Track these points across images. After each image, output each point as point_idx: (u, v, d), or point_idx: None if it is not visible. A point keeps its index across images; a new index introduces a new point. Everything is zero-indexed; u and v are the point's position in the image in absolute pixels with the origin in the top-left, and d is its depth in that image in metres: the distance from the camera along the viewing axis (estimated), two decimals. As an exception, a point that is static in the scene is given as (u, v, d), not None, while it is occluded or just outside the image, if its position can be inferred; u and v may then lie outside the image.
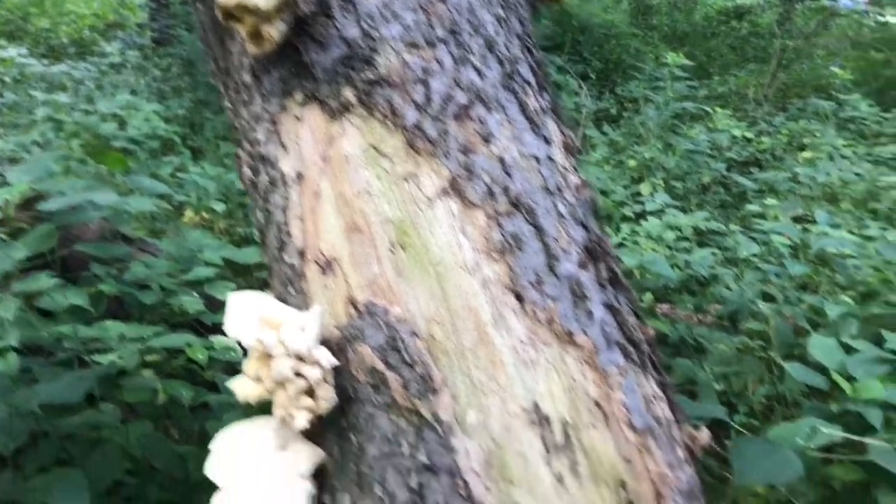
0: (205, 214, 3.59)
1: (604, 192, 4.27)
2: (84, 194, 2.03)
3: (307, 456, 0.80)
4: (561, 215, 0.87)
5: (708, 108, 5.21)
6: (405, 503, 0.74)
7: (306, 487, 0.78)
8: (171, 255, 2.42)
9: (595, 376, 0.79)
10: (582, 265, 0.85)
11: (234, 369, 1.87)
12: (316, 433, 0.82)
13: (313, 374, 0.76)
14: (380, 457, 0.76)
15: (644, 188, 4.27)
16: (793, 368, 1.81)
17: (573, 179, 0.92)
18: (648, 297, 3.10)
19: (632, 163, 4.54)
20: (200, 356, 1.88)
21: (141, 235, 2.86)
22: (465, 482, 0.73)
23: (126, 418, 1.74)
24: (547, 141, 0.92)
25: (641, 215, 3.87)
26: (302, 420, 0.76)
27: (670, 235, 3.41)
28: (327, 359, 0.77)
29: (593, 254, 0.86)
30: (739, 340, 2.30)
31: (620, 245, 3.61)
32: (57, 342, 1.75)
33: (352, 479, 0.78)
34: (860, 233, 3.31)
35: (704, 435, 0.86)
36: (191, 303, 2.09)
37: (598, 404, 0.77)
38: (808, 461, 1.79)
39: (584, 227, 0.88)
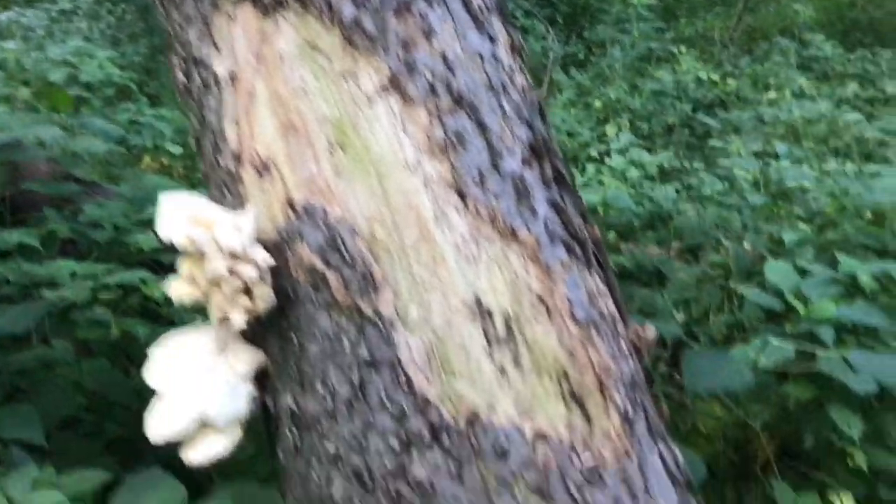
0: (163, 160, 3.51)
1: (570, 134, 4.26)
2: (28, 129, 1.95)
3: (248, 358, 0.78)
4: (505, 114, 0.84)
5: (674, 49, 5.18)
6: (347, 398, 0.73)
7: (247, 389, 0.77)
8: (127, 197, 2.36)
9: (538, 272, 0.78)
10: (526, 163, 0.83)
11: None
12: (257, 336, 0.81)
13: (249, 273, 0.74)
14: (321, 355, 0.75)
15: (610, 129, 4.26)
16: (749, 291, 1.84)
17: (519, 79, 0.90)
18: (612, 235, 3.11)
19: (598, 104, 4.52)
20: (157, 293, 1.85)
21: (96, 179, 2.78)
22: (407, 376, 0.72)
23: (82, 356, 1.71)
24: (492, 39, 0.89)
25: (607, 155, 3.87)
26: (239, 320, 0.74)
27: (635, 174, 3.42)
28: (263, 257, 0.75)
29: (538, 153, 0.85)
30: (700, 271, 2.32)
31: (585, 185, 3.61)
32: (5, 281, 1.70)
33: (293, 379, 0.77)
34: (820, 168, 3.34)
35: (651, 332, 0.86)
36: (146, 241, 2.04)
37: (541, 298, 0.77)
38: (762, 380, 1.83)
39: (530, 126, 0.86)
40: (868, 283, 1.85)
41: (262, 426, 0.84)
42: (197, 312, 1.61)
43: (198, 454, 0.74)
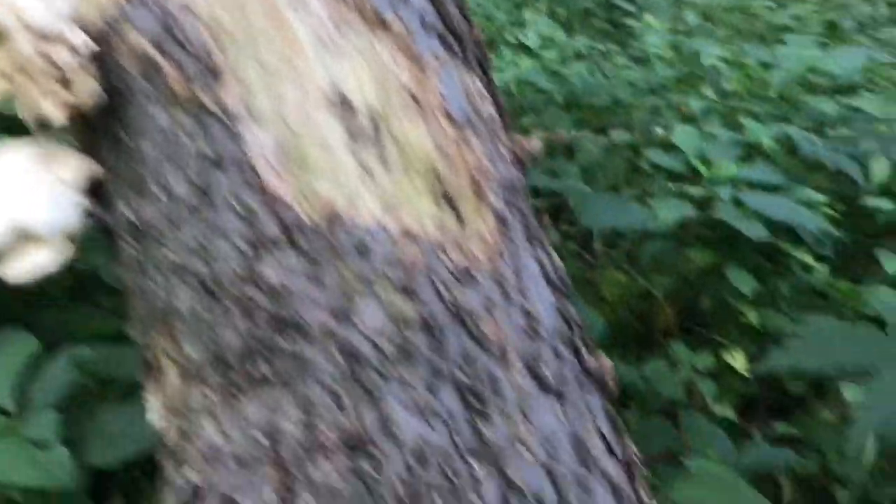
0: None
1: (487, 18, 4.11)
2: None
3: (75, 165, 0.68)
4: None
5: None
6: (188, 200, 0.64)
7: (75, 198, 0.67)
8: None
9: (409, 64, 0.69)
10: (397, -53, 0.73)
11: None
12: (87, 145, 0.70)
13: (65, 57, 0.62)
14: (158, 154, 0.65)
15: (528, 14, 4.13)
16: (654, 154, 1.83)
17: None
18: (528, 118, 3.04)
19: (516, -12, 4.35)
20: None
21: None
22: (256, 173, 0.64)
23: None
24: None
25: (525, 37, 3.76)
26: (56, 114, 0.63)
27: (551, 55, 3.34)
28: (83, 40, 0.64)
29: (412, -63, 0.75)
30: (609, 142, 2.30)
31: (501, 71, 3.51)
32: None
33: (128, 183, 0.67)
34: (732, 52, 3.35)
35: (535, 144, 0.80)
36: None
37: (411, 94, 0.69)
38: (664, 246, 1.84)
39: None
40: (769, 145, 1.86)
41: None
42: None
43: (20, 268, 0.65)
